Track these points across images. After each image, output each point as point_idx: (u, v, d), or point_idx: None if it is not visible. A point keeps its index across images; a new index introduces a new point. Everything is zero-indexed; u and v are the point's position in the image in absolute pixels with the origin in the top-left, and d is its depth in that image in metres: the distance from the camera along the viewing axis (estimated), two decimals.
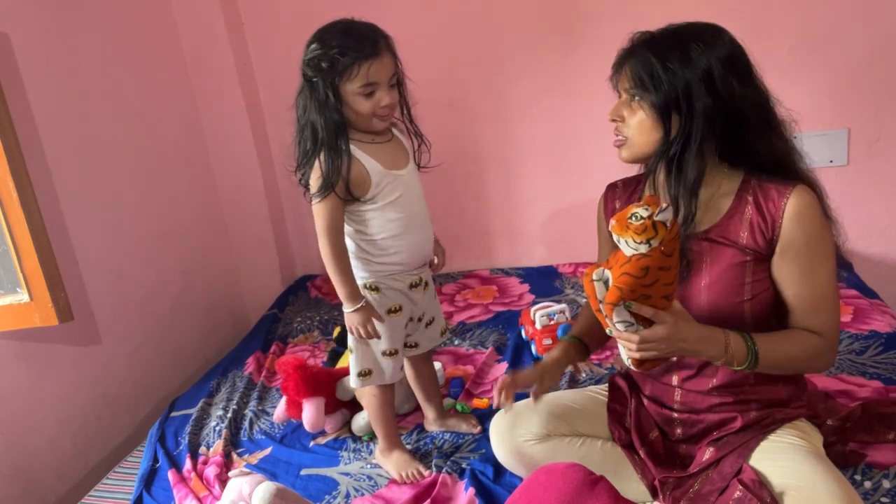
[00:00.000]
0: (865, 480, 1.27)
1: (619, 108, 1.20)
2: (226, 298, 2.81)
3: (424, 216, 1.48)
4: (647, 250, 1.01)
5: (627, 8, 2.29)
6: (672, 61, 1.10)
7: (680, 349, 1.09)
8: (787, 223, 1.12)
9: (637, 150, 1.19)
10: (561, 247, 2.71)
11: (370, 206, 1.38)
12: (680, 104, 1.11)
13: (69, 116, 2.03)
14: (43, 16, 1.96)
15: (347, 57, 1.27)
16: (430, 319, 1.58)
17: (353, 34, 1.29)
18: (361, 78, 1.29)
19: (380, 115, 1.34)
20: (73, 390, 1.99)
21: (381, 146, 1.40)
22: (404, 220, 1.41)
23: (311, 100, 1.32)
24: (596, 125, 1.35)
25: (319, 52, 1.29)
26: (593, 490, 1.05)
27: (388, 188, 1.38)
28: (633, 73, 1.15)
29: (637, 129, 1.17)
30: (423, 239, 1.48)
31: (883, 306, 1.97)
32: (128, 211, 2.25)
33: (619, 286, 1.04)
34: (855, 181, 2.30)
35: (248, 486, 1.34)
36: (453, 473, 1.50)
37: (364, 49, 1.28)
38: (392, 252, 1.43)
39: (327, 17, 1.35)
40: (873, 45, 2.15)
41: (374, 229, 1.40)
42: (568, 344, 1.39)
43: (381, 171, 1.37)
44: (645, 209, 1.02)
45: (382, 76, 1.31)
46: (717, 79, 1.10)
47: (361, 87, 1.30)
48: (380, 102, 1.32)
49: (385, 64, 1.31)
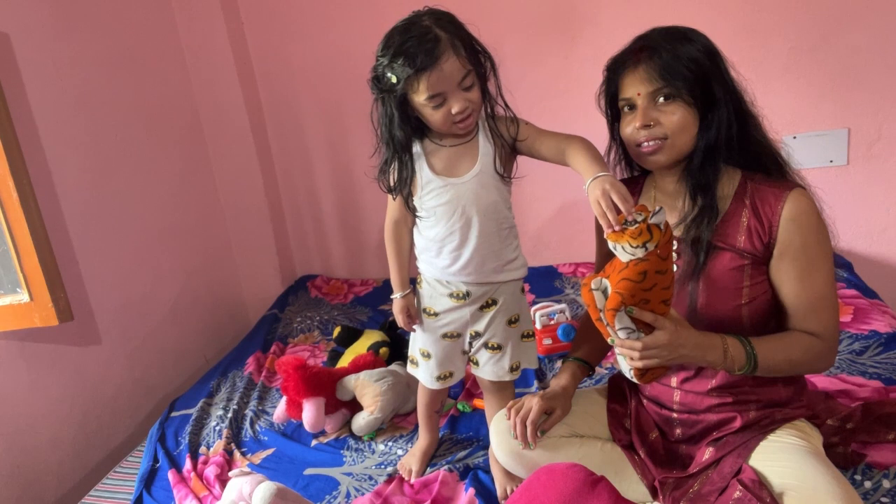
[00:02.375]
0: (865, 480, 1.27)
1: (647, 113, 1.14)
2: (226, 298, 2.81)
3: (485, 231, 1.31)
4: (644, 254, 1.02)
5: (627, 8, 2.29)
6: (690, 52, 1.12)
7: (680, 356, 1.09)
8: (784, 226, 1.12)
9: (677, 152, 1.16)
10: (561, 247, 2.71)
11: (419, 204, 1.34)
12: (713, 93, 1.12)
13: (69, 116, 2.03)
14: (43, 16, 1.96)
15: (406, 68, 1.15)
16: (495, 345, 1.41)
17: (409, 42, 1.16)
18: (423, 91, 1.18)
19: (459, 122, 1.23)
20: (73, 390, 1.99)
21: (446, 149, 1.31)
22: (446, 227, 1.31)
23: (380, 111, 1.28)
24: (596, 125, 1.34)
25: (379, 68, 1.20)
26: (594, 490, 1.05)
27: (432, 193, 1.31)
28: (661, 69, 1.12)
29: (679, 128, 1.14)
30: (476, 253, 1.32)
31: (883, 306, 1.97)
32: (128, 211, 2.25)
33: (618, 292, 1.04)
34: (855, 181, 2.30)
35: (249, 486, 1.34)
36: (454, 472, 1.50)
37: (417, 59, 1.15)
38: (432, 254, 1.36)
39: (327, 16, 1.35)
40: (873, 46, 2.16)
41: (421, 227, 1.37)
42: (573, 367, 1.38)
43: (429, 175, 1.30)
44: (639, 214, 1.03)
45: (447, 84, 1.18)
46: (721, 68, 1.13)
47: (427, 100, 1.20)
48: (453, 108, 1.20)
49: (446, 71, 1.16)
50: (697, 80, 1.12)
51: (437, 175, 1.31)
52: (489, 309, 1.38)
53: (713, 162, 1.15)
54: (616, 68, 1.20)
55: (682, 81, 1.12)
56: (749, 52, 2.16)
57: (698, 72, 1.11)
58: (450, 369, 1.45)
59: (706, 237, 1.15)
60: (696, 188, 1.17)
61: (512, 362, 1.42)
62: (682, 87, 1.12)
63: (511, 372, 1.42)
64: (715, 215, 1.16)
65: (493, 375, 1.43)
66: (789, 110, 2.24)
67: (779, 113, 1.21)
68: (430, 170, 1.31)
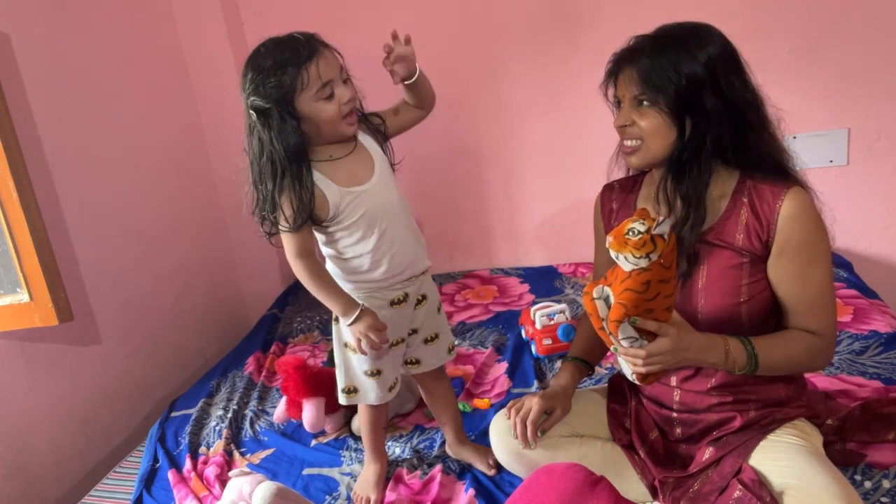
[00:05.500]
0: (865, 480, 1.27)
1: (627, 114, 1.17)
2: (226, 298, 2.81)
3: (402, 225, 1.35)
4: (647, 264, 1.01)
5: (627, 9, 2.29)
6: (680, 61, 1.10)
7: (683, 359, 1.10)
8: (782, 224, 1.12)
9: (651, 156, 1.17)
10: (561, 247, 2.71)
11: (335, 227, 1.30)
12: (693, 103, 1.11)
13: (69, 116, 2.03)
14: (43, 16, 1.96)
15: (291, 67, 1.19)
16: (433, 336, 1.47)
17: (284, 45, 1.22)
18: (315, 81, 1.20)
19: (346, 117, 1.26)
20: (73, 390, 1.99)
21: (339, 162, 1.29)
22: (375, 235, 1.31)
23: (266, 131, 1.22)
24: (596, 125, 1.35)
25: (261, 77, 1.21)
26: (594, 490, 1.05)
27: (349, 207, 1.28)
28: (642, 76, 1.13)
29: (652, 133, 1.15)
30: (403, 250, 1.35)
31: (883, 306, 1.97)
32: (128, 211, 2.25)
33: (622, 303, 1.03)
34: (855, 181, 2.30)
35: (249, 486, 1.34)
36: (452, 474, 1.50)
37: (302, 53, 1.20)
38: (365, 270, 1.34)
39: (326, 16, 1.35)
40: (873, 46, 2.16)
41: (343, 249, 1.33)
42: (573, 366, 1.39)
43: (338, 191, 1.27)
44: (642, 223, 1.01)
45: (333, 72, 1.22)
46: (720, 76, 1.11)
47: (318, 91, 1.21)
48: (342, 99, 1.23)
49: (329, 59, 1.22)
50: (680, 91, 1.10)
51: (346, 188, 1.28)
52: (421, 305, 1.43)
53: (697, 169, 1.14)
54: (615, 63, 1.20)
55: (661, 92, 1.11)
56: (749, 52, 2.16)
57: (683, 83, 1.10)
58: (396, 376, 1.47)
59: (690, 241, 1.15)
60: (675, 192, 1.17)
61: (448, 344, 1.51)
62: (659, 97, 1.12)
63: (448, 353, 1.52)
64: (700, 221, 1.15)
65: (438, 361, 1.51)
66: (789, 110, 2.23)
67: (779, 113, 1.21)
68: (337, 183, 1.28)
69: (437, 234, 2.79)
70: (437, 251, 2.77)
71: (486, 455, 1.49)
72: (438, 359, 1.50)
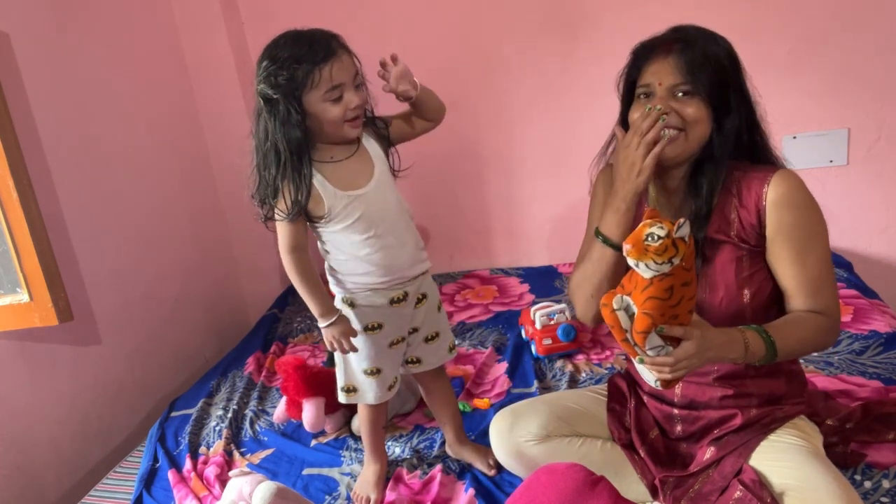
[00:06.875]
0: (865, 480, 1.27)
1: (665, 101, 1.13)
2: (226, 298, 2.81)
3: (401, 229, 1.36)
4: (670, 269, 0.96)
5: (627, 9, 2.29)
6: (715, 54, 1.11)
7: (707, 359, 1.06)
8: (771, 209, 1.12)
9: (689, 147, 1.15)
10: (561, 247, 2.71)
11: (330, 228, 1.31)
12: (726, 96, 1.12)
13: (69, 116, 2.03)
14: (43, 16, 1.96)
15: (305, 64, 1.20)
16: (433, 334, 1.47)
17: (304, 40, 1.22)
18: (325, 82, 1.21)
19: (350, 121, 1.26)
20: (73, 390, 1.99)
21: (341, 164, 1.30)
22: (371, 239, 1.31)
23: (272, 120, 1.23)
24: (596, 125, 1.34)
25: (274, 67, 1.21)
26: (594, 490, 1.05)
27: (345, 211, 1.29)
28: (687, 66, 1.11)
29: (695, 122, 1.12)
30: (401, 254, 1.35)
31: (883, 306, 1.97)
32: (128, 211, 2.25)
33: (647, 313, 0.98)
34: (855, 181, 2.30)
35: (249, 486, 1.34)
36: (452, 474, 1.50)
37: (319, 52, 1.20)
38: (361, 272, 1.34)
39: (327, 16, 1.35)
40: (873, 46, 2.16)
41: (338, 251, 1.34)
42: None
43: (334, 194, 1.28)
44: (661, 227, 0.96)
45: (346, 76, 1.23)
46: (739, 72, 1.13)
47: (327, 93, 1.22)
48: (349, 104, 1.24)
49: (345, 63, 1.23)
50: (717, 83, 1.11)
51: (343, 191, 1.29)
52: (421, 304, 1.43)
53: (722, 165, 1.15)
54: (643, 54, 1.17)
55: (705, 82, 1.11)
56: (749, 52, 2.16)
57: (720, 76, 1.11)
58: (395, 375, 1.47)
59: (700, 237, 1.16)
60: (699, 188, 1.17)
61: (448, 343, 1.51)
62: (702, 87, 1.11)
63: (449, 352, 1.52)
64: (708, 216, 1.17)
65: (438, 359, 1.51)
66: (789, 110, 2.24)
67: (779, 113, 1.21)
68: (336, 186, 1.28)
69: (437, 234, 2.79)
70: (437, 251, 2.78)
71: (486, 455, 1.49)
72: (439, 357, 1.51)
